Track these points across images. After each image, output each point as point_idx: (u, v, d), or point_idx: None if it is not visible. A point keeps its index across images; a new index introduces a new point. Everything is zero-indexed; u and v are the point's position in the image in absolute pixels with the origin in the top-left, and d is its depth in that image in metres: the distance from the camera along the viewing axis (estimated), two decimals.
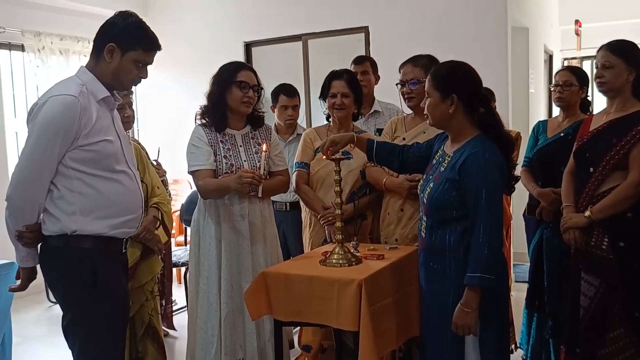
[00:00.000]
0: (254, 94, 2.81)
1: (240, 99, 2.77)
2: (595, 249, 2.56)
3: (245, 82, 2.77)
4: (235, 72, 2.79)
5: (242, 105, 2.79)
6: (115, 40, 2.15)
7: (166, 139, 6.36)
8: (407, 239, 2.78)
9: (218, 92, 2.80)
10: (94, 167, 2.14)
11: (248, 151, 2.85)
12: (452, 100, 2.19)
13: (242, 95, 2.77)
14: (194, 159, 2.78)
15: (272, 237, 2.91)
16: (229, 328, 2.73)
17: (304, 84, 5.84)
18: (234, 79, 2.77)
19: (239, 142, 2.85)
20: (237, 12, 6.17)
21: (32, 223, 2.14)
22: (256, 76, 2.85)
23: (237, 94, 2.77)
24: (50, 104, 2.07)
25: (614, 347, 2.53)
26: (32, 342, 4.32)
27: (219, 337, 2.72)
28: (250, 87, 2.79)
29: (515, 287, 4.67)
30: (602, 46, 2.65)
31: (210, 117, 2.83)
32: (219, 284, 2.74)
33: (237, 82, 2.76)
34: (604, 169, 2.57)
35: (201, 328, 2.75)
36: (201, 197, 2.81)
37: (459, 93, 2.18)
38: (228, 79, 2.78)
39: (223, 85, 2.78)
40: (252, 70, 2.87)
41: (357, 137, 2.59)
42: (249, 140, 2.88)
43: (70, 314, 2.19)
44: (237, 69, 2.82)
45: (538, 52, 6.61)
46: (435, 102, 2.23)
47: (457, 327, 2.13)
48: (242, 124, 2.89)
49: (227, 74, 2.80)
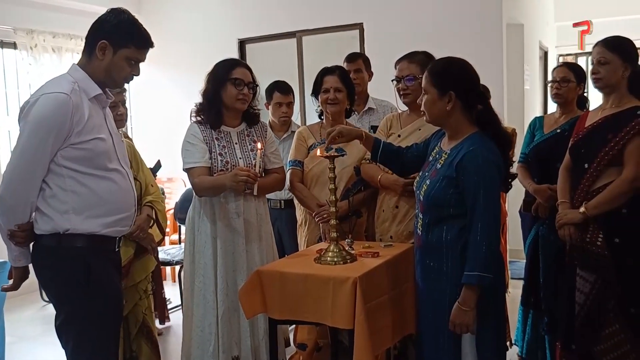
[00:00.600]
0: (249, 91, 2.80)
1: (235, 96, 2.76)
2: (590, 245, 2.56)
3: (240, 79, 2.76)
4: (230, 69, 2.78)
5: (237, 103, 2.78)
6: (108, 38, 2.13)
7: (160, 137, 6.36)
8: (402, 236, 2.78)
9: (213, 89, 2.78)
10: (87, 165, 2.12)
11: (243, 148, 2.84)
12: (449, 97, 2.17)
13: (237, 93, 2.76)
14: (189, 156, 2.77)
15: (268, 234, 2.91)
16: (225, 326, 2.72)
17: (298, 81, 5.83)
18: (229, 76, 2.76)
19: (234, 139, 2.84)
20: (231, 9, 6.15)
21: (24, 222, 2.12)
22: (251, 73, 2.84)
23: (232, 91, 2.76)
24: (42, 102, 2.05)
25: (609, 344, 2.54)
26: (25, 341, 4.30)
27: (216, 335, 2.71)
28: (245, 85, 2.78)
29: (511, 284, 4.67)
30: (597, 42, 2.66)
31: (205, 114, 2.82)
32: (215, 282, 2.73)
33: (232, 79, 2.75)
34: (599, 164, 2.57)
35: (197, 326, 2.74)
36: (196, 194, 2.80)
37: (456, 90, 2.17)
38: (223, 76, 2.77)
39: (218, 82, 2.77)
40: (247, 67, 2.86)
41: (366, 134, 2.59)
42: (245, 138, 2.87)
43: (64, 313, 2.17)
44: (232, 66, 2.81)
45: (533, 48, 6.61)
46: (432, 99, 2.21)
47: (455, 325, 2.12)
48: (237, 121, 2.88)
49: (221, 71, 2.79)
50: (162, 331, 4.26)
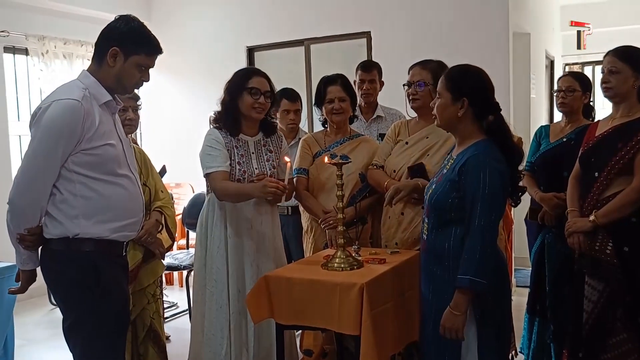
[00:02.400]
0: (265, 100, 2.81)
1: (251, 105, 2.77)
2: (599, 253, 2.56)
3: (256, 88, 2.77)
4: (247, 78, 2.80)
5: (252, 111, 2.79)
6: (119, 44, 2.15)
7: (169, 143, 6.41)
8: (407, 242, 2.78)
9: (230, 98, 2.81)
10: (97, 171, 2.14)
11: (260, 159, 2.85)
12: (462, 103, 2.18)
13: (253, 102, 2.77)
14: (211, 161, 2.77)
15: (279, 242, 2.93)
16: (236, 330, 2.74)
17: (306, 89, 5.85)
18: (246, 85, 2.78)
19: (251, 149, 2.85)
20: (240, 17, 6.19)
21: (34, 226, 2.15)
22: (269, 82, 2.85)
23: (248, 100, 2.77)
24: (54, 108, 2.07)
25: (616, 352, 2.53)
26: (34, 344, 4.32)
27: (228, 339, 2.73)
28: (262, 94, 2.79)
29: (517, 292, 4.66)
30: (608, 52, 2.66)
31: (223, 122, 2.83)
32: (228, 287, 2.76)
33: (249, 88, 2.77)
34: (609, 173, 2.58)
35: (209, 330, 2.76)
36: (217, 198, 2.80)
37: (470, 97, 2.18)
38: (240, 85, 2.79)
39: (235, 91, 2.79)
40: (264, 76, 2.86)
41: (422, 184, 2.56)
42: (261, 148, 2.89)
43: (71, 316, 2.19)
44: (249, 75, 2.83)
45: (539, 57, 6.61)
46: (445, 103, 2.22)
47: (445, 329, 2.11)
48: (255, 130, 2.89)
49: (239, 80, 2.81)
50: (169, 335, 4.27)
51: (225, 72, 3.01)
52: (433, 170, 2.64)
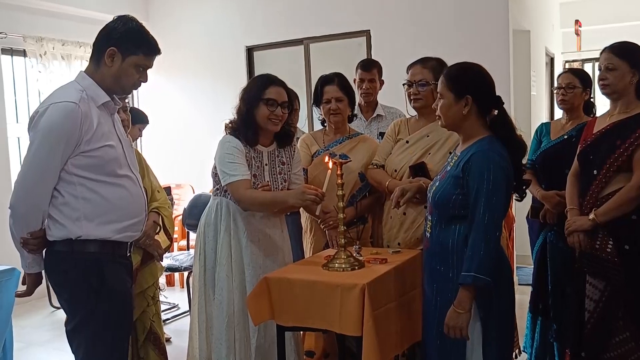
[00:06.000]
0: (282, 112, 2.68)
1: (267, 117, 2.65)
2: (600, 251, 2.55)
3: (273, 99, 2.64)
4: (264, 88, 2.67)
5: (269, 123, 2.67)
6: (116, 45, 2.14)
7: (168, 143, 6.39)
8: (410, 242, 2.76)
9: (246, 108, 2.68)
10: (97, 172, 2.13)
11: (273, 171, 2.77)
12: (466, 101, 2.18)
13: (269, 113, 2.64)
14: (234, 169, 2.63)
15: (287, 248, 2.89)
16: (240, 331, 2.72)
17: (305, 88, 5.84)
18: (262, 95, 2.65)
19: (264, 160, 2.76)
20: (239, 16, 6.18)
21: (37, 230, 2.14)
22: (287, 91, 2.73)
23: (264, 112, 2.65)
24: (51, 112, 2.06)
25: (619, 351, 2.52)
26: (34, 347, 4.31)
27: (233, 341, 2.70)
28: (279, 105, 2.66)
29: (519, 290, 4.65)
30: (605, 48, 2.64)
31: (241, 133, 2.71)
32: (234, 299, 2.71)
33: (265, 99, 2.65)
34: (607, 171, 2.56)
35: (217, 338, 2.71)
36: (242, 208, 2.69)
37: (473, 94, 2.17)
38: (256, 95, 2.67)
39: (251, 101, 2.67)
40: (282, 85, 2.73)
41: (426, 184, 2.53)
42: (275, 159, 2.80)
43: (76, 318, 2.18)
44: (266, 85, 2.69)
45: (539, 54, 6.60)
46: (448, 103, 2.21)
47: (449, 328, 2.10)
48: (269, 140, 2.79)
49: (254, 90, 2.69)
50: (170, 337, 4.26)
51: (224, 72, 2.99)
52: (435, 169, 2.63)
